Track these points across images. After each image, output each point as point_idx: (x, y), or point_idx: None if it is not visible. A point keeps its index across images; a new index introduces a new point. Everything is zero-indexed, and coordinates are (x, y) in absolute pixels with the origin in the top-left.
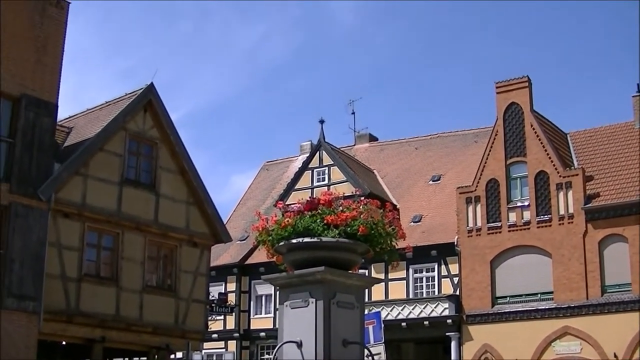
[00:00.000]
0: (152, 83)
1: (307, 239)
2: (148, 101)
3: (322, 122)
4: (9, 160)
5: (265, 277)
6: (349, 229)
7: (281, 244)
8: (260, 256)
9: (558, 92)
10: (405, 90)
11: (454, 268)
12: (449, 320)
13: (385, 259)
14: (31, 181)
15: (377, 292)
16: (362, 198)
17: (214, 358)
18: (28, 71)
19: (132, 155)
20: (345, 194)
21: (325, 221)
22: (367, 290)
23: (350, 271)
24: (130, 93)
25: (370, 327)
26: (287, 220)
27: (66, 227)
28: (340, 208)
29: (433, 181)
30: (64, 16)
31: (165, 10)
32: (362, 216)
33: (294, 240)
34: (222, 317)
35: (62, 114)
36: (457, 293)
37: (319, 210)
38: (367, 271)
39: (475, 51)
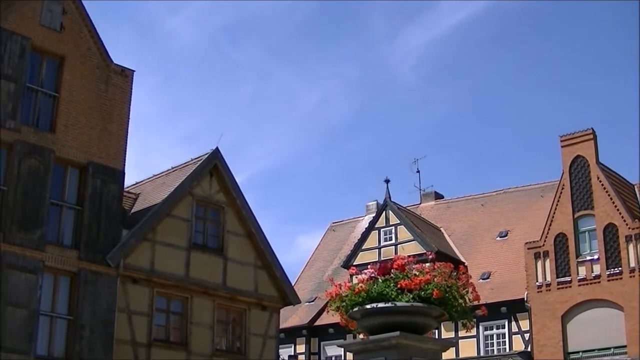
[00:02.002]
0: (217, 148)
1: (381, 304)
2: (214, 166)
3: (387, 181)
4: (77, 228)
5: (341, 343)
6: (422, 292)
7: (355, 309)
8: (329, 317)
9: (623, 143)
10: (470, 147)
11: (524, 324)
12: None
13: (462, 322)
14: (100, 248)
15: (448, 351)
16: (433, 261)
17: None
18: (94, 139)
19: (199, 220)
20: (413, 253)
21: (398, 286)
22: None
23: (425, 335)
24: (196, 158)
25: None
26: (361, 286)
27: (135, 292)
28: (414, 272)
29: (500, 237)
30: (129, 84)
31: (225, 74)
32: (435, 279)
33: (368, 306)
34: None
35: (128, 179)
36: (529, 349)
37: (392, 275)
38: (437, 330)
39: (538, 106)
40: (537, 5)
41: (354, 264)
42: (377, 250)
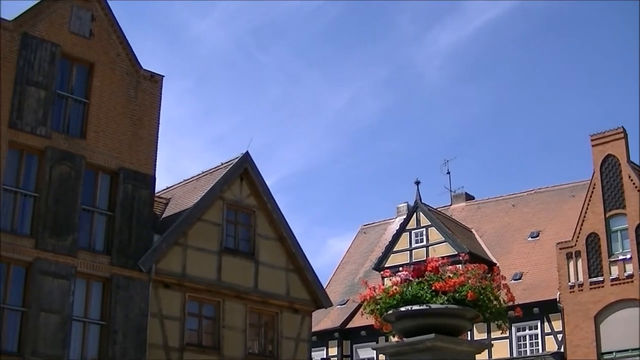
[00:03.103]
0: (247, 152)
1: (415, 307)
2: (244, 170)
3: (417, 183)
4: (109, 233)
5: (375, 346)
6: (457, 294)
7: (390, 312)
8: (361, 320)
9: None
10: (500, 147)
11: (557, 325)
12: None
13: (497, 324)
14: (131, 253)
15: (481, 352)
16: (466, 263)
17: None
18: (125, 145)
19: (230, 224)
20: (444, 255)
21: (433, 288)
22: None
23: (459, 337)
24: (226, 162)
25: None
26: (395, 289)
27: (167, 297)
28: (448, 274)
29: (532, 238)
30: (158, 89)
31: (253, 77)
32: (469, 281)
33: (402, 309)
34: None
35: (158, 184)
36: (562, 350)
37: (426, 277)
38: (469, 332)
39: (568, 105)
40: (563, 4)
41: (386, 266)
42: (408, 252)
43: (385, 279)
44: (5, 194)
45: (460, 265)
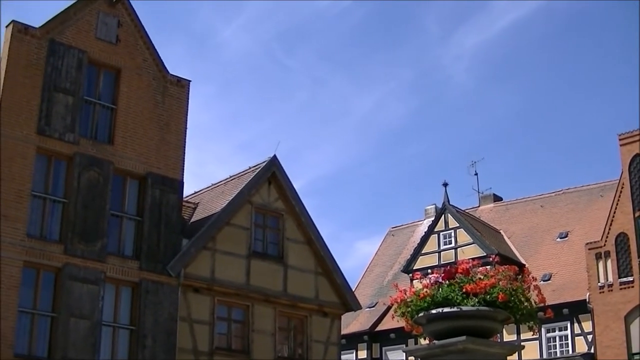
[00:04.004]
0: (274, 155)
1: (447, 309)
2: (272, 174)
3: (445, 185)
4: (137, 238)
5: (406, 348)
6: (488, 296)
7: (420, 315)
8: (391, 323)
9: None
10: (527, 148)
11: (587, 326)
12: None
13: (528, 325)
14: (160, 258)
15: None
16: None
17: None
18: (152, 150)
19: (258, 228)
20: (473, 256)
21: (463, 290)
22: None
23: (490, 339)
24: (254, 166)
25: None
26: (426, 291)
27: (196, 301)
28: (478, 276)
29: (560, 238)
30: (185, 94)
31: (279, 81)
32: (500, 283)
33: (433, 311)
34: None
35: (186, 189)
36: (592, 351)
37: (457, 279)
38: (499, 334)
39: (595, 104)
40: (588, 4)
41: (414, 268)
42: (436, 254)
43: (415, 281)
44: (34, 200)
45: (489, 267)
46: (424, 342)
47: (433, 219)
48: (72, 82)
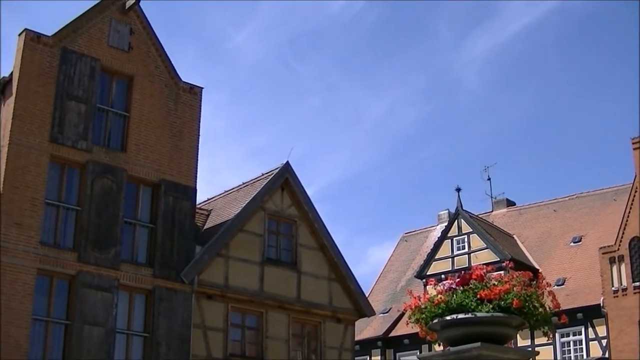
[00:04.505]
0: (287, 162)
1: (461, 315)
2: (285, 180)
3: (458, 190)
4: (151, 245)
5: (421, 355)
6: (502, 302)
7: (435, 321)
8: (404, 328)
9: None
10: (540, 152)
11: (601, 330)
12: None
13: (543, 331)
14: (174, 265)
15: None
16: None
17: None
18: (165, 157)
19: (272, 235)
20: (487, 261)
21: (478, 296)
22: None
23: (505, 345)
24: (267, 173)
25: None
26: (440, 297)
27: (210, 308)
28: (493, 282)
29: (574, 243)
30: (198, 101)
31: (292, 87)
32: (515, 289)
33: (448, 317)
34: None
35: (199, 196)
36: (607, 356)
37: (471, 285)
38: (513, 339)
39: (608, 108)
40: (599, 6)
41: (428, 273)
42: (450, 259)
43: (429, 287)
44: (47, 208)
45: (502, 272)
46: (438, 348)
47: (446, 224)
48: (84, 90)
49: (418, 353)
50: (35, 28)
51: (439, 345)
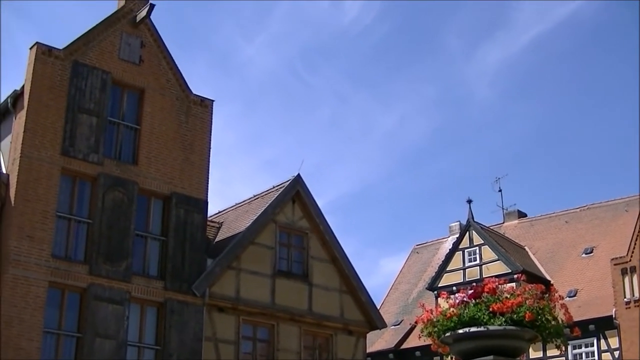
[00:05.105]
0: (299, 174)
1: (473, 329)
2: (296, 192)
3: (469, 201)
4: (162, 258)
5: None
6: (515, 316)
7: (447, 334)
8: (416, 341)
9: None
10: (551, 164)
11: (613, 342)
12: None
13: (555, 344)
14: (185, 277)
15: None
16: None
17: None
18: (176, 170)
19: (283, 247)
20: (498, 273)
21: (490, 309)
22: None
23: (518, 358)
24: (278, 185)
25: None
26: (452, 311)
27: (221, 321)
28: (505, 295)
29: (586, 254)
30: (209, 114)
31: (303, 99)
32: (527, 302)
33: (460, 331)
34: None
35: (210, 208)
36: None
37: (484, 299)
38: (525, 352)
39: (618, 118)
40: (609, 17)
41: (439, 285)
42: (461, 271)
43: (441, 300)
44: (59, 221)
45: (514, 284)
46: None
47: (457, 235)
48: (96, 102)
49: None
50: (47, 41)
51: (451, 358)
